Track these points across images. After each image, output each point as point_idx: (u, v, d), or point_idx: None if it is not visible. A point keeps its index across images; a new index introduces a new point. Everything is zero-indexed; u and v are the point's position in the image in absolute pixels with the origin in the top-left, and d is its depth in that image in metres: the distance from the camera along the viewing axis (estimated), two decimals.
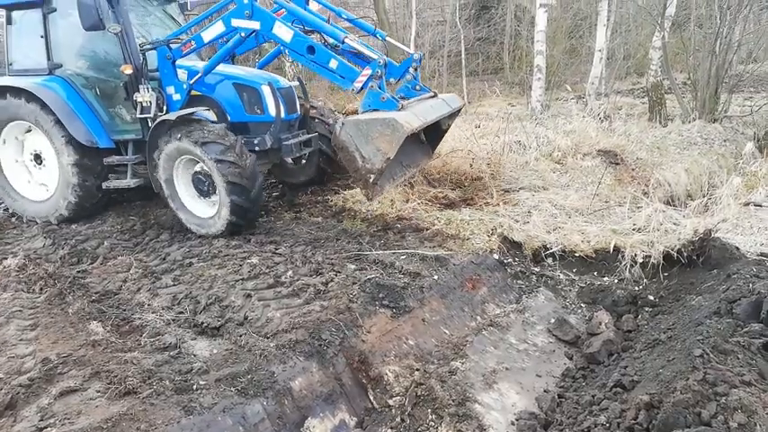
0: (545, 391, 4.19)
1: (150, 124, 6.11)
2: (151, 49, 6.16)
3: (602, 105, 13.03)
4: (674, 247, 5.52)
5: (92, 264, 5.56)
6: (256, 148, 6.24)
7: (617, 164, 8.73)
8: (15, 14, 6.62)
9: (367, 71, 5.41)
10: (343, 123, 5.26)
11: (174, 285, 5.00)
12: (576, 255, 5.94)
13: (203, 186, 6.07)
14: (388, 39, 6.80)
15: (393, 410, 3.84)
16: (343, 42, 5.64)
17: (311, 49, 5.49)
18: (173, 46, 6.14)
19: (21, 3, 6.44)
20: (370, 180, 5.28)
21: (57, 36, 6.44)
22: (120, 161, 6.55)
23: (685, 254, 5.45)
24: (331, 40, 5.79)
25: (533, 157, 8.81)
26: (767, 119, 11.42)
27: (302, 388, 3.70)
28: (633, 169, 8.68)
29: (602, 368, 4.31)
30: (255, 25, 5.62)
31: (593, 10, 16.49)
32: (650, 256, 5.59)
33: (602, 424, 3.11)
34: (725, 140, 10.58)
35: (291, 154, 6.68)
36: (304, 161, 7.74)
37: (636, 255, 5.66)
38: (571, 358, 4.68)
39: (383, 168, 5.21)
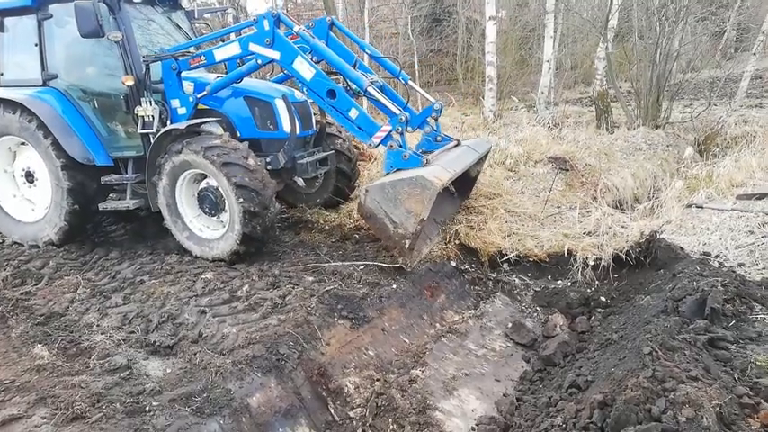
0: (504, 395, 4.25)
1: (152, 140, 5.63)
2: (156, 61, 5.73)
3: (552, 114, 13.42)
4: (623, 249, 5.72)
5: (36, 285, 5.31)
6: (268, 168, 5.73)
7: (567, 170, 8.97)
8: (8, 21, 6.10)
9: (386, 127, 5.09)
10: (367, 190, 4.91)
11: (125, 304, 4.83)
12: (531, 259, 6.08)
13: (210, 204, 5.57)
14: (410, 83, 6.32)
15: (354, 422, 3.83)
16: (365, 91, 5.31)
17: (332, 93, 5.18)
18: (180, 58, 5.74)
19: (14, 8, 5.94)
20: (406, 246, 4.93)
21: (52, 44, 5.93)
22: (120, 180, 6.00)
23: (633, 255, 5.65)
24: (354, 87, 5.50)
25: (487, 165, 8.97)
26: (706, 124, 11.97)
27: (260, 404, 3.63)
28: (582, 175, 8.95)
29: (558, 369, 4.40)
30: (275, 55, 5.30)
31: (541, 22, 16.98)
32: (601, 259, 5.77)
33: (559, 425, 3.16)
34: (668, 146, 11.05)
35: (306, 174, 6.21)
36: (318, 183, 7.16)
37: (587, 258, 5.83)
38: (528, 361, 4.77)
39: (418, 232, 4.85)
